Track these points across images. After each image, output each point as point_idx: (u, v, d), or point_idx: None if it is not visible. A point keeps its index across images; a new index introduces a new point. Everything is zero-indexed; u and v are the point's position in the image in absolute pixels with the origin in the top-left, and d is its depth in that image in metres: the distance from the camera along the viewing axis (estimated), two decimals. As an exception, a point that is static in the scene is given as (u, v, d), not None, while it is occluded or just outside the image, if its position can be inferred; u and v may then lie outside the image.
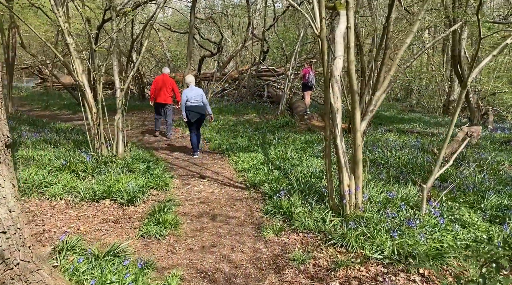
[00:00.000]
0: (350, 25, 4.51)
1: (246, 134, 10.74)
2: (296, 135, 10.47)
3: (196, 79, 20.61)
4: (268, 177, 6.62)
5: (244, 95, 18.73)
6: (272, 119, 13.16)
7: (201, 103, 8.47)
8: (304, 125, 12.03)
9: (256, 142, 9.71)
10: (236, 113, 15.69)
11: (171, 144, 10.23)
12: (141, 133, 11.50)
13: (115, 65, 7.95)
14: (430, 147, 8.64)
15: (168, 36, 23.29)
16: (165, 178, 6.73)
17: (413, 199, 5.33)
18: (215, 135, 10.76)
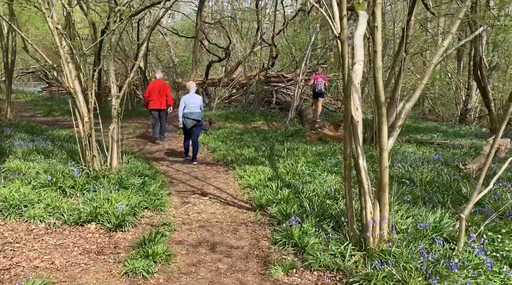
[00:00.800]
0: (377, 24, 3.72)
1: (253, 144, 9.96)
2: (307, 146, 9.66)
3: (203, 84, 19.97)
4: (276, 196, 5.83)
5: (252, 101, 17.99)
6: (281, 127, 12.37)
7: (199, 110, 8.36)
8: (315, 134, 11.22)
9: (263, 153, 8.93)
10: (243, 120, 14.94)
11: (173, 154, 9.49)
12: (143, 141, 10.78)
13: (111, 70, 7.23)
14: (454, 161, 7.79)
15: (176, 41, 22.68)
16: (161, 195, 5.97)
17: (447, 229, 4.49)
18: (220, 145, 10.00)
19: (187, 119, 8.21)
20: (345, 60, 4.00)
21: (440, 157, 8.26)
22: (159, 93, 10.15)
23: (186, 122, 8.23)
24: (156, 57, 19.73)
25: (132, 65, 12.93)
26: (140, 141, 10.76)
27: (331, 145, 9.70)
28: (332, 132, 11.37)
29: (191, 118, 8.21)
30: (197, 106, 8.35)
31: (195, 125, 8.33)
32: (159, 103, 10.16)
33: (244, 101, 18.27)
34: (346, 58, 3.99)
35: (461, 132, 12.92)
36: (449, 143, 10.03)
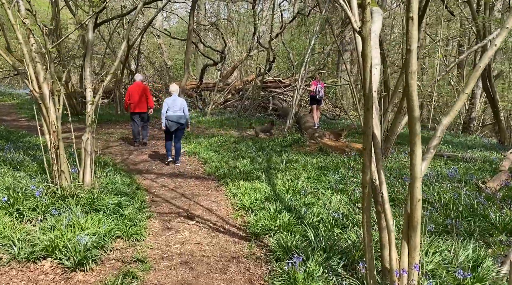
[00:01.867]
0: (412, 14, 2.77)
1: (248, 155, 9.01)
2: (307, 157, 8.72)
3: (197, 89, 19.02)
4: (275, 221, 4.87)
5: (248, 107, 17.05)
6: (278, 136, 11.43)
7: (182, 113, 8.19)
8: (315, 144, 10.29)
9: (260, 166, 7.97)
10: (238, 127, 14.00)
11: (160, 164, 8.51)
12: (128, 150, 9.79)
13: (87, 72, 6.26)
14: (471, 178, 6.88)
15: (170, 44, 21.74)
16: (139, 220, 5.00)
17: (489, 274, 3.55)
18: (212, 155, 9.03)
19: (170, 122, 8.10)
20: (367, 62, 3.07)
21: (455, 172, 7.35)
22: (139, 96, 9.89)
23: (169, 124, 8.12)
24: (148, 60, 18.73)
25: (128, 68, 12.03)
26: (125, 150, 9.77)
27: (332, 157, 8.77)
28: (332, 142, 10.45)
29: (174, 121, 8.11)
30: (180, 109, 8.17)
31: (178, 128, 8.25)
32: (140, 106, 9.92)
33: (240, 107, 17.34)
34: (368, 60, 3.07)
35: (467, 143, 12.04)
36: (460, 155, 9.13)
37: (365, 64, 3.10)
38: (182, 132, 8.48)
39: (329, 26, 13.43)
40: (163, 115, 8.10)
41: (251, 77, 18.92)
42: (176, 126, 8.17)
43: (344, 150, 9.75)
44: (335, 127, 13.98)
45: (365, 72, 3.13)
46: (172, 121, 8.10)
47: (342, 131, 10.76)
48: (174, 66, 19.39)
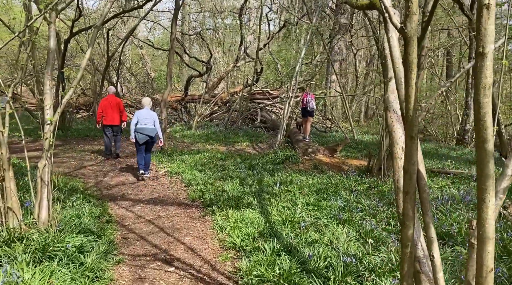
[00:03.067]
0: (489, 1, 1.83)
1: (237, 175, 8.01)
2: (302, 177, 7.76)
3: (182, 101, 17.98)
4: (273, 269, 3.87)
5: (235, 120, 16.07)
6: (269, 152, 10.46)
7: (152, 126, 7.93)
8: (309, 161, 9.35)
9: (250, 188, 6.97)
10: (225, 141, 13.01)
11: (137, 188, 7.43)
12: (103, 171, 8.68)
13: (47, 87, 5.19)
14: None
15: (153, 54, 20.70)
16: (105, 269, 3.93)
17: None
18: (197, 176, 8.00)
19: (139, 134, 7.83)
20: (411, 71, 2.13)
21: (467, 196, 6.47)
22: (112, 109, 9.57)
23: (138, 137, 7.84)
24: (130, 72, 17.65)
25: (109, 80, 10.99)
26: (100, 171, 8.66)
27: (330, 177, 7.83)
28: (327, 158, 9.53)
29: (144, 134, 7.83)
30: (150, 122, 7.92)
31: (147, 142, 7.95)
32: (112, 119, 9.59)
33: (227, 119, 16.34)
34: (414, 68, 2.13)
35: (467, 157, 11.26)
36: (467, 172, 8.29)
37: (408, 74, 2.16)
38: (152, 145, 8.27)
39: (320, 35, 12.63)
40: (132, 127, 7.84)
41: (238, 88, 17.99)
42: (145, 138, 7.86)
43: (341, 167, 8.83)
44: (327, 140, 13.10)
45: (408, 85, 2.19)
46: (142, 134, 7.83)
47: (337, 147, 9.86)
48: (158, 78, 18.32)
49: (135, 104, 17.86)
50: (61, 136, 12.72)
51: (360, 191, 6.81)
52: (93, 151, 10.76)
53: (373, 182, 7.27)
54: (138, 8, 11.52)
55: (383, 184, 7.13)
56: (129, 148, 11.69)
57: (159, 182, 7.89)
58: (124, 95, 17.55)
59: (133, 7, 11.97)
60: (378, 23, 7.08)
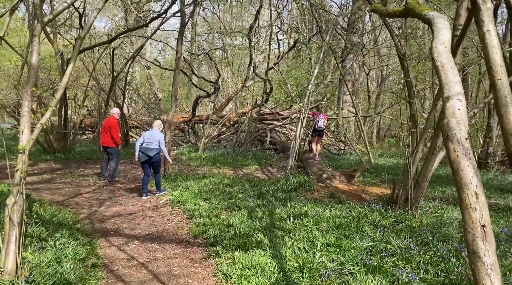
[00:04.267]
0: None
1: (245, 205, 7.12)
2: (318, 208, 6.83)
3: (189, 122, 17.26)
4: None
5: (244, 141, 15.25)
6: (279, 177, 9.56)
7: (155, 146, 7.91)
8: (324, 188, 8.43)
9: (260, 222, 6.06)
10: (233, 164, 12.16)
11: (134, 220, 6.55)
12: (100, 199, 7.83)
13: (25, 106, 4.40)
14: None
15: (161, 75, 20.14)
16: None
17: None
18: (201, 206, 7.11)
19: (141, 153, 7.91)
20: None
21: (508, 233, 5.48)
22: (105, 130, 9.33)
23: (139, 156, 7.94)
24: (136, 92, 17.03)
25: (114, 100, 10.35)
26: (96, 199, 7.82)
27: (349, 207, 6.88)
28: (344, 185, 8.59)
29: (144, 153, 7.86)
30: (152, 142, 7.90)
31: (147, 161, 7.95)
32: (103, 140, 9.38)
33: (235, 140, 15.53)
34: None
35: (494, 183, 10.23)
36: (503, 203, 7.28)
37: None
38: (156, 165, 8.04)
39: (333, 54, 11.88)
40: (136, 146, 7.92)
41: (247, 109, 17.25)
42: (145, 158, 7.87)
43: (360, 196, 7.88)
44: (341, 164, 12.16)
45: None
46: (142, 153, 7.88)
47: (354, 173, 8.92)
48: (166, 99, 17.68)
49: (142, 125, 17.19)
50: (62, 159, 11.99)
51: (386, 226, 5.85)
52: (93, 176, 9.97)
53: (399, 215, 6.31)
54: (143, 26, 10.93)
55: (412, 218, 6.16)
56: (132, 171, 10.90)
57: (159, 212, 7.01)
58: (130, 116, 16.88)
59: (139, 25, 11.37)
60: (404, 38, 6.27)
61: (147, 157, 7.85)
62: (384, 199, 7.39)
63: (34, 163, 11.53)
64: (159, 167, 8.16)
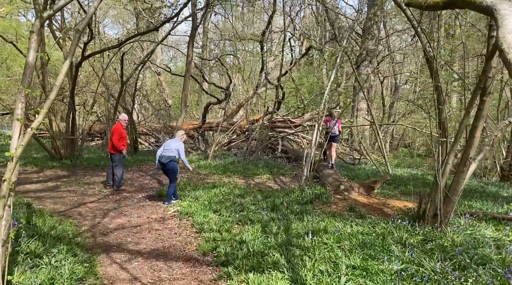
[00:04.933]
0: None
1: (258, 218, 6.58)
2: (338, 223, 6.25)
3: (199, 129, 16.81)
4: None
5: (255, 149, 14.73)
6: (294, 188, 9.00)
7: (171, 154, 7.76)
8: (342, 201, 7.84)
9: (276, 238, 5.50)
10: (244, 173, 11.62)
11: (139, 233, 6.05)
12: (103, 210, 7.35)
13: (18, 109, 3.94)
14: None
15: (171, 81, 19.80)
16: None
17: None
18: (211, 219, 6.58)
19: (158, 162, 7.86)
20: None
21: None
22: (111, 136, 8.96)
23: (157, 164, 7.90)
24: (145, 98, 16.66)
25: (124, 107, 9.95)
26: (100, 209, 7.34)
27: (372, 223, 6.28)
28: (364, 197, 8.00)
29: (160, 161, 7.80)
30: (169, 149, 7.81)
31: (163, 169, 7.84)
32: (109, 146, 9.04)
33: (246, 148, 15.02)
34: None
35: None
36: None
37: None
38: (170, 173, 7.83)
39: (348, 59, 11.35)
40: (157, 154, 7.86)
41: (258, 116, 16.75)
42: (161, 166, 7.82)
43: (382, 210, 7.28)
44: (357, 174, 11.56)
45: None
46: (159, 161, 7.80)
47: (374, 184, 8.32)
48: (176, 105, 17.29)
49: (151, 132, 16.79)
50: (69, 166, 11.58)
51: (414, 245, 5.26)
52: (99, 184, 9.53)
53: (428, 233, 5.70)
54: (153, 30, 10.55)
55: (442, 236, 5.56)
56: (139, 180, 10.43)
57: (166, 225, 6.50)
58: (140, 122, 16.49)
59: (149, 29, 11.00)
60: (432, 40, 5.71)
61: (162, 165, 7.76)
62: (409, 213, 6.78)
63: (40, 169, 11.14)
64: (173, 175, 7.85)
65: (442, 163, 5.98)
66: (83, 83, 16.17)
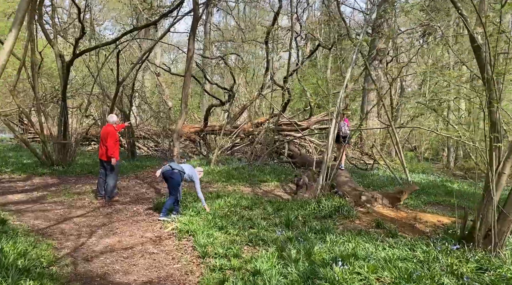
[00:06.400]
0: None
1: (271, 237, 5.48)
2: (367, 244, 5.15)
3: (201, 132, 15.72)
4: None
5: (260, 153, 13.64)
6: (306, 198, 7.89)
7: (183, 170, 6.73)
8: (366, 214, 6.74)
9: (296, 266, 4.38)
10: (250, 180, 10.53)
11: (131, 257, 4.93)
12: (92, 226, 6.24)
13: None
14: None
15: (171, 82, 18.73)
16: None
17: None
18: (216, 239, 5.47)
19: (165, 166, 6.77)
20: None
21: None
22: (102, 141, 7.88)
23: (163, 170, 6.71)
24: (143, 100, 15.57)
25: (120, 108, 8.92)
26: (88, 225, 6.23)
27: (408, 244, 5.17)
28: (389, 210, 6.90)
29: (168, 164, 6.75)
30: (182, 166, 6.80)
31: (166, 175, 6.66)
32: (101, 152, 7.89)
33: (250, 153, 13.92)
34: None
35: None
36: None
37: None
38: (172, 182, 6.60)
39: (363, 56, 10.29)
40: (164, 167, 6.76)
41: (263, 119, 15.65)
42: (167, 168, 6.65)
43: (414, 226, 6.17)
44: (372, 181, 10.48)
45: None
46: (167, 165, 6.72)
47: (400, 195, 7.21)
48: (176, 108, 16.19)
49: (150, 136, 15.69)
50: (60, 173, 10.46)
51: (469, 275, 4.15)
52: (90, 193, 8.42)
53: (482, 259, 4.59)
54: (152, 24, 9.53)
55: (501, 264, 4.44)
56: (135, 188, 9.32)
57: (163, 246, 5.38)
58: (138, 126, 15.39)
59: (147, 23, 9.94)
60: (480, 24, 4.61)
61: (168, 168, 6.65)
62: (450, 232, 5.66)
63: (27, 177, 10.03)
64: (175, 188, 6.71)
65: (497, 171, 4.87)
66: (79, 84, 15.10)
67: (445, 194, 9.90)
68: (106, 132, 7.74)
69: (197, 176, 6.97)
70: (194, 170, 7.04)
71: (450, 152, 21.54)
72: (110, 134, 7.65)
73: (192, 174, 6.88)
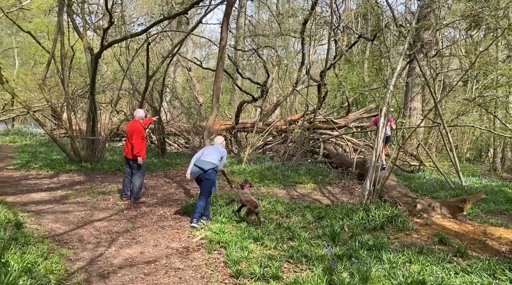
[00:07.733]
0: None
1: (316, 253, 4.61)
2: (434, 266, 4.17)
3: (232, 129, 14.99)
4: None
5: (293, 152, 12.74)
6: (351, 203, 6.95)
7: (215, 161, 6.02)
8: (424, 226, 5.72)
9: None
10: (284, 181, 9.71)
11: (153, 273, 4.19)
12: (113, 233, 5.57)
13: None
14: None
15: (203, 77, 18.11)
16: None
17: None
18: (250, 252, 4.65)
19: (194, 167, 6.04)
20: None
21: None
22: (128, 138, 7.21)
23: (192, 170, 6.04)
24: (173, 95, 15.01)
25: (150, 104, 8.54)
26: (109, 231, 5.56)
27: (486, 269, 4.15)
28: (452, 223, 5.84)
29: (198, 166, 5.97)
30: (213, 154, 6.12)
31: (200, 177, 5.97)
32: (127, 150, 7.21)
33: (283, 152, 13.04)
34: None
35: None
36: None
37: None
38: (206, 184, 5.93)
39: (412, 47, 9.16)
40: (192, 161, 6.11)
41: (297, 116, 14.72)
42: (198, 172, 5.93)
43: (485, 243, 5.11)
44: (421, 184, 9.37)
45: None
46: (195, 166, 6.00)
47: (464, 204, 6.12)
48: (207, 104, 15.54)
49: (181, 132, 15.12)
50: (87, 170, 9.99)
51: None
52: (115, 193, 7.82)
53: None
54: (182, 13, 8.82)
55: None
56: (164, 188, 8.68)
57: (191, 260, 4.62)
58: (168, 122, 14.84)
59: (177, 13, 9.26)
60: None
61: (200, 171, 5.92)
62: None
63: (55, 173, 9.62)
64: (208, 188, 6.00)
65: None
66: (110, 79, 14.73)
67: (505, 201, 8.65)
68: (132, 129, 7.09)
69: (226, 153, 6.44)
70: (220, 147, 6.37)
71: (497, 153, 19.80)
72: (136, 131, 6.99)
73: (223, 154, 6.29)
